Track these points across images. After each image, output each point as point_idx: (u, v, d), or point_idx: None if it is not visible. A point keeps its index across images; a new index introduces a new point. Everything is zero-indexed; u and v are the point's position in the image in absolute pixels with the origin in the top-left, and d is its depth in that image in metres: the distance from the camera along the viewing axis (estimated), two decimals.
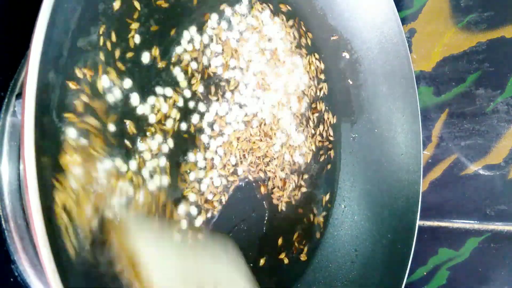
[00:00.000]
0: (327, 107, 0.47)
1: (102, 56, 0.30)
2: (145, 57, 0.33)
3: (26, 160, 0.23)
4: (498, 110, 0.48)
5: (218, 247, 0.31)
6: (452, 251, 0.51)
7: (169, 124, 0.33)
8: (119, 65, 0.31)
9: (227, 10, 0.39)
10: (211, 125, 0.37)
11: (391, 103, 0.46)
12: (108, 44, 0.30)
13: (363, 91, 0.47)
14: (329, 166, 0.46)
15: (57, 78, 0.27)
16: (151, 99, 0.33)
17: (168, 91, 0.34)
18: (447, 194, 0.52)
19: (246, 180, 0.39)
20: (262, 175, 0.40)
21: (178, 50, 0.35)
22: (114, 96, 0.30)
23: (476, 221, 0.51)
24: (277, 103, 0.42)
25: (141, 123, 0.32)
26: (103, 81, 0.30)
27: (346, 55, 0.47)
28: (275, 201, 0.41)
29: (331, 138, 0.46)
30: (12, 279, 0.31)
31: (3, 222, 0.30)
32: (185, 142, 0.35)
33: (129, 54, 0.32)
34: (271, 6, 0.42)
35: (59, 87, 0.27)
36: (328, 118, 0.46)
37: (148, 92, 0.32)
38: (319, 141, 0.46)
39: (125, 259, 0.26)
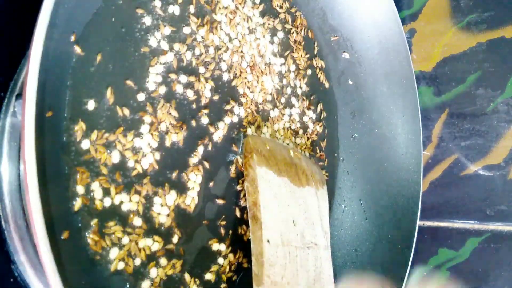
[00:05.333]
0: (326, 107, 0.46)
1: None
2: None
3: (26, 160, 0.23)
4: (498, 110, 0.48)
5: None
6: (452, 251, 0.51)
7: None
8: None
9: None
10: None
11: (391, 103, 0.46)
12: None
13: (363, 91, 0.47)
14: (328, 166, 0.46)
15: (57, 78, 0.27)
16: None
17: None
18: (447, 194, 0.52)
19: None
20: None
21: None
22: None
23: (476, 221, 0.51)
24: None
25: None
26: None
27: (346, 55, 0.47)
28: None
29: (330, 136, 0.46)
30: (12, 279, 0.31)
31: (3, 222, 0.30)
32: None
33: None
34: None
35: (59, 87, 0.27)
36: (327, 118, 0.46)
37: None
38: (318, 140, 0.46)
39: (251, 197, 0.34)
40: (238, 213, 0.37)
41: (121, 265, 0.30)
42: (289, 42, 0.44)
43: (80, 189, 0.28)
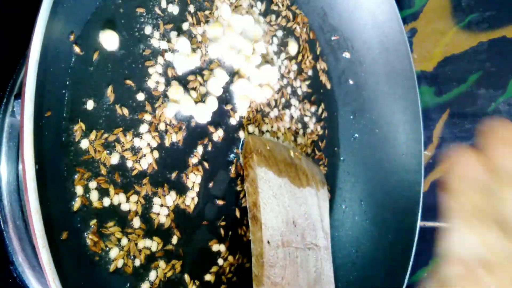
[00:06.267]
0: (327, 107, 0.46)
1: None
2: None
3: (25, 160, 0.23)
4: (499, 110, 0.48)
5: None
6: None
7: None
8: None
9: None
10: None
11: (392, 103, 0.46)
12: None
13: (364, 91, 0.47)
14: (328, 167, 0.46)
15: (56, 78, 0.27)
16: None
17: None
18: None
19: None
20: None
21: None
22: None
23: None
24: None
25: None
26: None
27: (347, 55, 0.47)
28: None
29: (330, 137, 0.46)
30: (11, 280, 0.31)
31: (1, 223, 0.30)
32: None
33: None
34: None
35: (58, 87, 0.27)
36: (327, 118, 0.46)
37: None
38: (317, 140, 0.45)
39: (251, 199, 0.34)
40: (238, 214, 0.37)
41: (120, 266, 0.29)
42: (289, 42, 0.44)
43: (79, 189, 0.28)
